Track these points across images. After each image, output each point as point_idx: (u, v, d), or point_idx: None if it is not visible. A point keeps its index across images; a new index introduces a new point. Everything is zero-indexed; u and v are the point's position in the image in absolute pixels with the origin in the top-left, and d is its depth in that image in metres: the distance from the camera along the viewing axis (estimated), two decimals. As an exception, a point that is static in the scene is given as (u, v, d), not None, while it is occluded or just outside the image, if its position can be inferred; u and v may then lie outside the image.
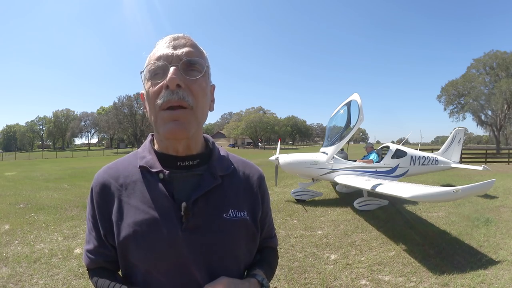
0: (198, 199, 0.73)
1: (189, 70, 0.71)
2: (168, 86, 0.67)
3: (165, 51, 0.71)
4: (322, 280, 3.27)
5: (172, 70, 0.68)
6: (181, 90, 0.68)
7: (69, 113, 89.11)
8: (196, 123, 0.72)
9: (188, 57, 0.71)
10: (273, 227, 0.98)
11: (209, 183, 0.75)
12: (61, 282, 3.20)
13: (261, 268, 0.83)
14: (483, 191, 5.14)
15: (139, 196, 0.74)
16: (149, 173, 0.76)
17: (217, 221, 0.74)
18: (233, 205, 0.78)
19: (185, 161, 0.77)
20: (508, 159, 17.97)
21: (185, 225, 0.71)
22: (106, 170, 0.81)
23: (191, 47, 0.73)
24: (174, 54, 0.70)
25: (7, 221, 5.67)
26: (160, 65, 0.70)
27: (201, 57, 0.74)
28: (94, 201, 0.78)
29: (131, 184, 0.76)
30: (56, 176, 14.19)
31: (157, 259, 0.71)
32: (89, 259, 0.81)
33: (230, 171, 0.82)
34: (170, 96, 0.67)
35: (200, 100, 0.72)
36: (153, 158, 0.77)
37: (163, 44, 0.73)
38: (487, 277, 3.27)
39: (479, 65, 32.97)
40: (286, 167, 7.07)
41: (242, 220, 0.78)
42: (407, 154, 7.61)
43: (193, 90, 0.70)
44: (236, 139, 74.96)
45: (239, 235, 0.77)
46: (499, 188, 8.40)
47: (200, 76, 0.72)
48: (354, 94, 6.93)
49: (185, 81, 0.69)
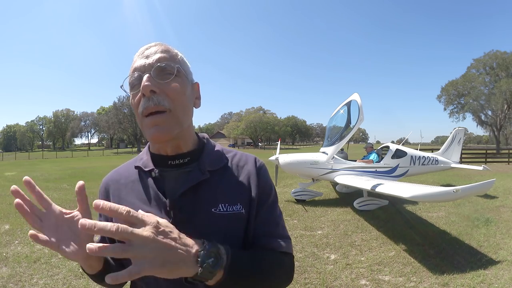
0: (186, 194, 0.75)
1: (162, 75, 0.73)
2: (144, 94, 0.71)
3: (139, 62, 0.74)
4: (322, 280, 3.27)
5: (145, 78, 0.71)
6: (156, 96, 0.71)
7: (69, 113, 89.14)
8: (178, 124, 0.74)
9: (158, 63, 0.73)
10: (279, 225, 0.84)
11: (196, 178, 0.77)
12: (61, 282, 3.20)
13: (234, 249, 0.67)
14: (483, 191, 5.15)
15: (135, 194, 0.80)
16: (143, 172, 0.81)
17: (205, 216, 0.74)
18: (224, 199, 0.76)
19: (176, 159, 0.80)
20: (508, 159, 17.97)
21: (172, 220, 0.72)
22: (112, 173, 0.89)
23: (162, 52, 0.76)
24: (146, 63, 0.73)
25: (7, 221, 5.68)
26: (136, 76, 0.73)
27: (172, 60, 0.76)
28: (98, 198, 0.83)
29: (129, 183, 0.82)
30: (56, 176, 14.19)
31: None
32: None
33: (222, 165, 0.82)
34: (147, 103, 0.71)
35: (177, 100, 0.73)
36: (147, 158, 0.83)
37: (138, 56, 0.77)
38: (487, 277, 3.27)
39: (479, 65, 32.99)
40: (286, 167, 7.07)
41: (235, 214, 0.76)
42: (407, 154, 7.61)
43: (168, 92, 0.72)
44: (236, 139, 74.95)
45: (231, 229, 0.75)
46: (499, 188, 8.40)
47: (172, 78, 0.73)
48: (354, 94, 6.93)
49: (159, 85, 0.71)
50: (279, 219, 0.85)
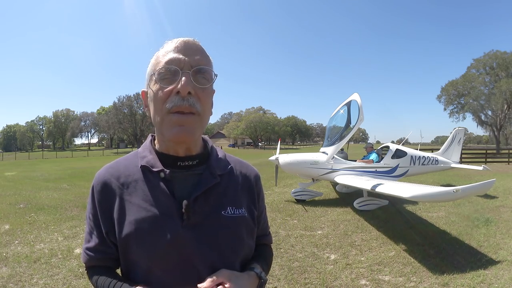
0: (198, 197, 0.76)
1: (198, 78, 0.73)
2: (179, 92, 0.70)
3: (176, 56, 0.73)
4: (322, 280, 3.27)
5: (184, 77, 0.71)
6: (191, 97, 0.71)
7: (69, 113, 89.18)
8: (201, 128, 0.77)
9: (198, 65, 0.73)
10: (267, 225, 1.01)
11: (209, 182, 0.78)
12: (61, 282, 3.20)
13: (258, 262, 0.85)
14: (483, 191, 5.14)
15: (140, 195, 0.76)
16: (150, 172, 0.78)
17: (216, 218, 0.77)
18: (231, 202, 0.81)
19: (185, 161, 0.79)
20: (508, 159, 17.98)
21: (185, 222, 0.73)
22: (107, 169, 0.83)
23: (201, 54, 0.76)
24: (186, 60, 0.72)
25: (7, 221, 5.68)
26: (171, 70, 0.72)
27: (210, 66, 0.77)
28: (95, 199, 0.80)
29: (132, 183, 0.78)
30: (56, 176, 14.18)
31: (158, 255, 0.73)
32: (89, 256, 0.82)
33: (228, 170, 0.85)
34: (180, 102, 0.70)
35: (206, 107, 0.76)
36: (154, 157, 0.80)
37: (174, 48, 0.74)
38: (487, 277, 3.27)
39: (479, 65, 32.98)
40: (286, 167, 7.07)
41: (241, 217, 0.81)
42: (407, 154, 7.61)
43: (201, 97, 0.73)
44: (236, 139, 74.94)
45: (238, 231, 0.80)
46: (499, 188, 8.40)
47: (209, 85, 0.75)
48: (354, 94, 6.93)
49: (195, 88, 0.72)
50: (267, 218, 1.01)
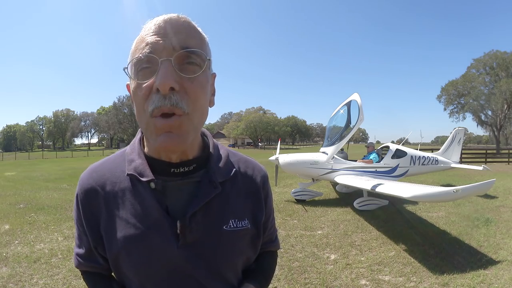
0: (196, 213, 0.64)
1: (185, 64, 0.56)
2: (159, 89, 0.53)
3: (154, 39, 0.55)
4: (322, 280, 3.27)
5: (164, 67, 0.53)
6: (174, 94, 0.54)
7: (69, 113, 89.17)
8: (193, 130, 0.60)
9: (184, 47, 0.55)
10: (275, 229, 0.89)
11: (207, 193, 0.66)
12: (61, 282, 3.20)
13: (254, 282, 0.76)
14: (483, 191, 5.14)
15: (128, 208, 0.65)
16: (138, 181, 0.65)
17: (217, 234, 0.67)
18: (234, 214, 0.70)
19: (180, 167, 0.66)
20: (508, 159, 17.98)
21: (181, 242, 0.63)
22: (91, 173, 0.70)
23: (188, 32, 0.57)
24: (167, 44, 0.54)
25: (7, 221, 5.67)
26: (147, 59, 0.55)
27: (202, 46, 0.58)
28: (80, 210, 0.69)
29: (119, 192, 0.66)
30: (56, 176, 14.18)
31: (152, 275, 0.65)
32: (79, 262, 0.75)
33: (231, 175, 0.71)
34: (161, 101, 0.54)
35: (198, 102, 0.58)
36: (143, 163, 0.66)
37: (152, 28, 0.56)
38: (487, 277, 3.27)
39: (479, 65, 32.96)
40: (286, 167, 7.07)
41: (243, 230, 0.70)
42: (407, 154, 7.61)
43: (190, 91, 0.56)
44: (236, 139, 74.97)
45: (239, 245, 0.71)
46: (499, 188, 8.40)
47: (199, 74, 0.57)
48: (354, 94, 6.93)
49: (180, 81, 0.55)
50: (274, 222, 0.89)
